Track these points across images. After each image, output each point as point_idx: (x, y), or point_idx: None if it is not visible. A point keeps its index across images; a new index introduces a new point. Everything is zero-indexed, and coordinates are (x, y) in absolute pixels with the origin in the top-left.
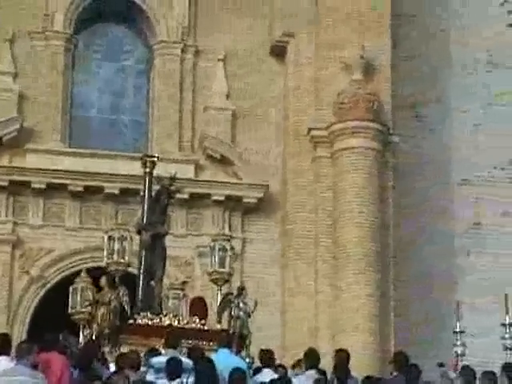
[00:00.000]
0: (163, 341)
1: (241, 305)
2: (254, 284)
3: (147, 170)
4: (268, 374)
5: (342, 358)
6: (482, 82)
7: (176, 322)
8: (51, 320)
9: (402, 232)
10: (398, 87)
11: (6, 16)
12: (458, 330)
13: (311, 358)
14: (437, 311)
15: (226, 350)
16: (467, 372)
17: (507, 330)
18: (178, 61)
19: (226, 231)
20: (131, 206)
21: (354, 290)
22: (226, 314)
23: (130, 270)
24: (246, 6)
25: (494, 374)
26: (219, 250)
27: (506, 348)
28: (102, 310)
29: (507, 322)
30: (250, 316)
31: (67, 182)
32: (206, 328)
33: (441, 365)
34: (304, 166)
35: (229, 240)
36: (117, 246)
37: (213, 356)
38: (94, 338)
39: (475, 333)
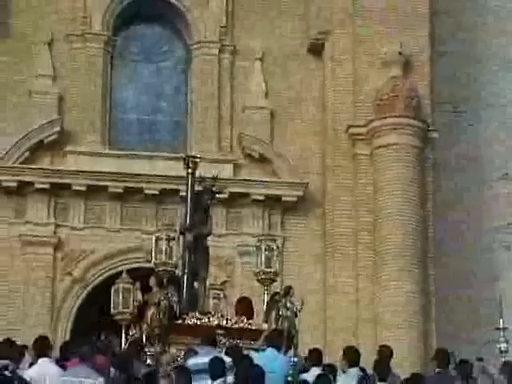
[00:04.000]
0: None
1: (288, 304)
2: (295, 282)
3: (189, 170)
4: (315, 373)
5: (385, 354)
6: None
7: (224, 322)
8: (93, 320)
9: (441, 228)
10: (436, 83)
11: (45, 19)
12: (500, 326)
13: (351, 356)
14: (478, 307)
15: (273, 349)
16: (509, 368)
17: None
18: (216, 61)
19: (266, 230)
20: (171, 207)
21: (395, 286)
22: (273, 314)
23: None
24: (283, 5)
25: None
26: (265, 249)
27: None
28: (151, 310)
29: None
30: (296, 315)
31: (107, 183)
32: (254, 328)
33: (480, 359)
34: (343, 164)
35: (275, 240)
36: (164, 246)
37: (260, 354)
38: (136, 338)
39: None
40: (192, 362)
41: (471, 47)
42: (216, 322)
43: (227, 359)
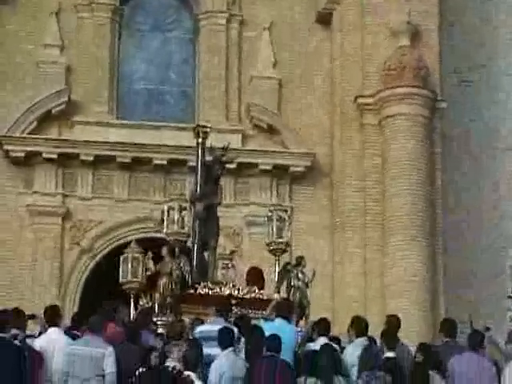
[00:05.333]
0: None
1: (300, 275)
2: (303, 252)
3: (199, 140)
4: (322, 343)
5: (393, 323)
6: None
7: (236, 292)
8: (101, 290)
9: (450, 197)
10: (444, 53)
11: None
12: (511, 294)
13: (359, 326)
14: (488, 276)
15: (282, 320)
16: None
17: None
18: (224, 31)
19: (274, 200)
20: (179, 177)
21: (403, 256)
22: (284, 284)
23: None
24: None
25: None
26: (277, 220)
27: None
28: (163, 280)
29: None
30: (308, 286)
31: (115, 153)
32: (266, 298)
33: (487, 329)
34: (351, 134)
35: (286, 210)
36: (176, 216)
37: (269, 325)
38: (145, 308)
39: None
40: (200, 329)
41: (479, 16)
42: (228, 292)
43: (236, 330)
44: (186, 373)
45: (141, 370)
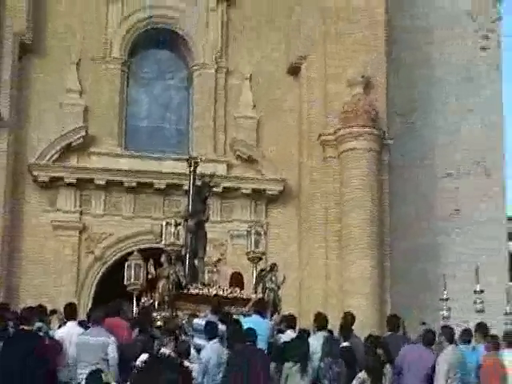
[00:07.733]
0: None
1: (273, 278)
2: (276, 260)
3: (191, 168)
4: (290, 335)
5: (348, 319)
6: (458, 94)
7: (221, 292)
8: (111, 290)
9: (395, 215)
10: (390, 98)
11: (74, 44)
12: (444, 297)
13: (320, 321)
14: (424, 280)
15: (257, 315)
16: (447, 330)
17: (478, 296)
18: (213, 79)
19: (253, 217)
20: (175, 198)
21: (357, 264)
22: (260, 286)
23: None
24: (267, 34)
25: (469, 330)
26: (254, 233)
27: (477, 311)
28: (162, 282)
29: (478, 289)
30: (279, 288)
31: (123, 179)
32: (245, 297)
33: (423, 323)
34: (316, 164)
35: (262, 226)
36: (172, 230)
37: (247, 319)
38: (146, 305)
39: (454, 298)
40: (195, 321)
41: (418, 67)
42: (214, 292)
43: (221, 326)
44: (185, 363)
45: (144, 357)
